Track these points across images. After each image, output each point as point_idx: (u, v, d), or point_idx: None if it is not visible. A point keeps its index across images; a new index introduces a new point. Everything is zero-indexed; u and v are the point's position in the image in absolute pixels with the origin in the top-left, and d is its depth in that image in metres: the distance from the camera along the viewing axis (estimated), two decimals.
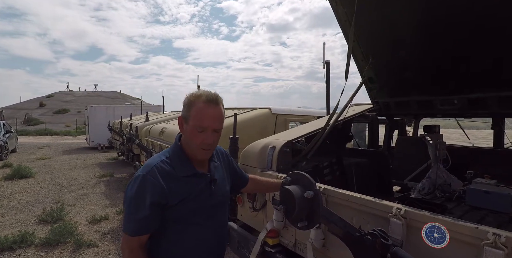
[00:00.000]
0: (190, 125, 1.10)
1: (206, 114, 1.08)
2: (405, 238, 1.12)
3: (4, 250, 3.32)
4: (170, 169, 1.10)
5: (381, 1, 1.93)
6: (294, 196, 1.02)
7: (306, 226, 1.05)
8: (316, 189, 1.03)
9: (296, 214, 1.02)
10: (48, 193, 5.77)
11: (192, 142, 1.11)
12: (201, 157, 1.14)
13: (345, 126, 2.82)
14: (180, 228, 1.11)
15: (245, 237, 1.98)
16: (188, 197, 1.10)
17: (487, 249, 0.90)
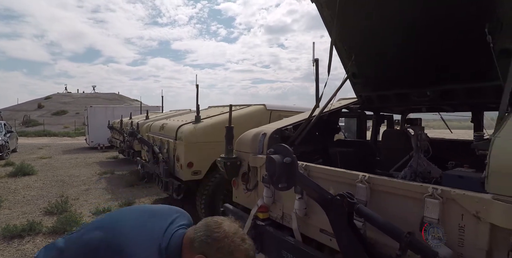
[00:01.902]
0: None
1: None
2: (369, 199, 1.35)
3: (13, 238, 3.53)
4: None
5: (360, 5, 2.17)
6: (275, 162, 1.25)
7: (285, 187, 1.29)
8: (293, 156, 1.27)
9: (277, 176, 1.26)
10: (51, 188, 5.96)
11: None
12: None
13: (332, 118, 3.05)
14: None
15: (240, 215, 2.21)
16: None
17: (428, 200, 1.13)
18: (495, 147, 1.06)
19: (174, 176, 3.75)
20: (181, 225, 1.06)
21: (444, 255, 1.03)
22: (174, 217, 1.07)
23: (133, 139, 5.09)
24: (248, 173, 2.25)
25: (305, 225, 1.74)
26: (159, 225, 1.01)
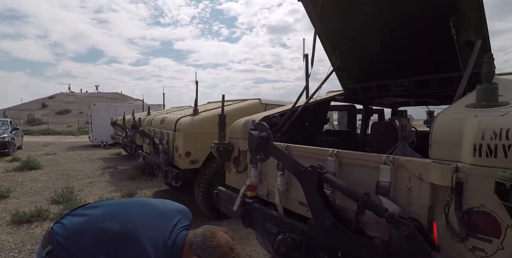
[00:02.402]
0: None
1: None
2: (337, 170, 1.55)
3: (23, 223, 3.76)
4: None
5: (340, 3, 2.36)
6: (254, 136, 1.45)
7: (263, 158, 1.49)
8: (269, 131, 1.47)
9: (255, 148, 1.46)
10: (57, 181, 6.20)
11: None
12: None
13: (321, 110, 3.25)
14: None
15: (231, 195, 2.41)
16: None
17: (382, 167, 1.33)
18: (435, 123, 1.26)
19: (173, 165, 3.96)
20: (183, 226, 1.30)
21: (392, 210, 1.23)
22: (178, 219, 1.32)
23: (135, 132, 5.31)
24: (239, 157, 2.45)
25: (287, 200, 1.94)
26: (166, 225, 1.25)
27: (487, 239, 1.06)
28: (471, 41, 1.98)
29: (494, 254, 1.05)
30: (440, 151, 1.20)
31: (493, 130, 1.05)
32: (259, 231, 2.11)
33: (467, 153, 1.11)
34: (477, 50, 1.88)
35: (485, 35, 1.95)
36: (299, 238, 1.69)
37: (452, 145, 1.16)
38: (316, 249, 1.60)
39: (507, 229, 1.02)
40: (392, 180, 1.31)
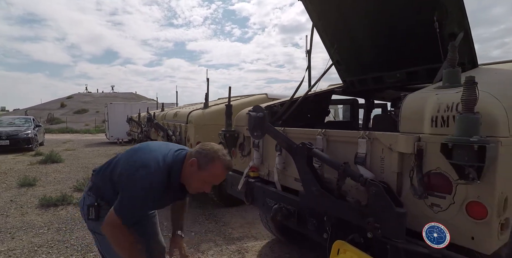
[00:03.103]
0: (203, 176, 1.38)
1: (219, 178, 1.44)
2: (325, 146, 1.78)
3: (50, 206, 4.13)
4: (167, 183, 1.38)
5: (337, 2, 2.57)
6: (252, 117, 1.69)
7: (259, 135, 1.73)
8: (264, 112, 1.71)
9: (253, 126, 1.70)
10: (77, 172, 6.61)
11: (193, 184, 1.42)
12: (192, 192, 1.49)
13: (323, 102, 3.46)
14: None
15: (236, 178, 2.65)
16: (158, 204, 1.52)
17: (359, 140, 1.55)
18: (404, 102, 1.47)
19: None
20: (185, 149, 1.56)
21: (367, 176, 1.44)
22: (181, 146, 1.59)
23: (150, 125, 5.63)
24: (243, 143, 2.70)
25: (284, 177, 2.17)
26: (174, 146, 1.55)
27: (442, 195, 1.27)
28: (454, 33, 2.16)
29: (447, 208, 1.26)
30: (407, 125, 1.42)
31: (447, 103, 1.26)
32: (260, 206, 2.35)
33: (427, 125, 1.32)
34: (458, 41, 2.06)
35: (467, 27, 2.12)
36: (293, 208, 1.92)
37: (416, 119, 1.37)
38: (306, 216, 1.82)
39: (457, 186, 1.22)
40: (368, 151, 1.53)
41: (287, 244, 3.05)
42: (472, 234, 1.19)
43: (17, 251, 2.86)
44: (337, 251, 1.54)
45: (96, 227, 1.48)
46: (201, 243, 3.08)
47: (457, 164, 1.10)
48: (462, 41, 2.10)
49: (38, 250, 2.89)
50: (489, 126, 1.14)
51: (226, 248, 2.97)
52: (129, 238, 1.35)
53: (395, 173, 1.44)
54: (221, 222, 3.69)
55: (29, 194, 4.85)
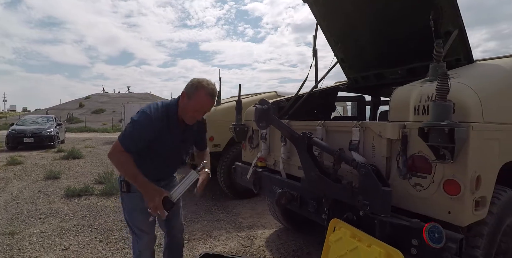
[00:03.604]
0: (191, 105, 1.59)
1: (205, 104, 1.62)
2: (324, 135, 1.96)
3: (74, 196, 4.45)
4: (165, 117, 1.61)
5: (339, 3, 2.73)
6: (258, 109, 1.89)
7: (264, 126, 1.92)
8: (269, 104, 1.90)
9: (259, 118, 1.90)
10: (97, 167, 6.99)
11: (187, 114, 1.63)
12: (189, 123, 1.70)
13: (329, 98, 3.62)
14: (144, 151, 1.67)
15: (245, 168, 2.85)
16: (162, 140, 1.66)
17: (353, 129, 1.72)
18: (394, 94, 1.64)
19: None
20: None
21: (359, 160, 1.61)
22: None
23: None
24: (252, 136, 2.90)
25: (288, 166, 2.35)
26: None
27: (423, 176, 1.43)
28: (449, 31, 2.30)
29: (428, 187, 1.42)
30: (395, 114, 1.58)
31: (427, 94, 1.42)
32: (267, 193, 2.53)
33: (411, 113, 1.48)
34: (452, 39, 2.19)
35: (461, 25, 2.25)
36: (295, 193, 2.10)
37: (402, 108, 1.54)
38: (307, 199, 2.01)
39: (436, 167, 1.38)
40: (360, 139, 1.70)
41: (293, 232, 3.23)
42: (448, 209, 1.34)
43: (48, 233, 3.16)
44: (333, 229, 1.72)
45: (126, 198, 1.77)
46: (213, 230, 3.30)
47: (433, 145, 1.27)
48: (457, 38, 2.23)
49: (66, 232, 3.19)
50: (462, 113, 1.30)
51: (236, 235, 3.18)
52: (128, 160, 1.56)
53: (384, 157, 1.60)
54: (232, 212, 3.91)
55: (55, 185, 5.22)
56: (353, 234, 1.56)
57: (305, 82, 3.06)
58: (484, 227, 1.54)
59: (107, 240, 3.00)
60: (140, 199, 1.72)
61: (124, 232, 3.19)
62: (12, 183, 5.44)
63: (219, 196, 4.62)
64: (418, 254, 1.33)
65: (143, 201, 1.71)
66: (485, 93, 1.43)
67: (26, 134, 10.90)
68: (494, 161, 1.47)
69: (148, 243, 1.84)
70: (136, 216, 1.79)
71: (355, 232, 1.57)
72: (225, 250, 2.81)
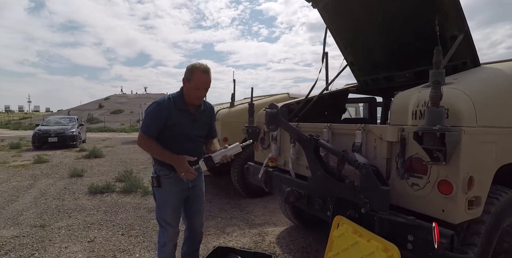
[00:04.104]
0: (191, 85, 1.83)
1: (202, 81, 1.84)
2: (330, 138, 2.07)
3: (97, 193, 4.73)
4: (173, 103, 1.88)
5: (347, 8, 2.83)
6: (267, 112, 2.03)
7: (274, 128, 2.06)
8: (278, 108, 2.03)
9: (268, 121, 2.04)
10: (117, 166, 7.31)
11: (191, 95, 1.87)
12: (195, 103, 1.94)
13: (339, 100, 3.71)
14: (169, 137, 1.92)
15: (257, 168, 3.00)
16: (178, 122, 1.90)
17: (356, 132, 1.84)
18: (394, 99, 1.74)
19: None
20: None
21: (361, 161, 1.73)
22: None
23: None
24: (264, 137, 3.04)
25: (297, 166, 2.48)
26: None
27: (420, 176, 1.53)
28: (455, 36, 2.36)
29: (424, 187, 1.52)
30: (395, 118, 1.69)
31: (424, 100, 1.52)
32: (277, 192, 2.67)
33: (410, 118, 1.59)
34: (457, 43, 2.26)
35: (467, 30, 2.31)
36: (303, 192, 2.23)
37: (402, 113, 1.64)
38: (314, 197, 2.13)
39: (431, 168, 1.48)
40: (363, 141, 1.81)
41: (303, 230, 3.35)
42: (442, 207, 1.44)
43: (75, 227, 3.41)
44: (337, 225, 1.84)
45: (156, 193, 2.01)
46: (226, 227, 3.46)
47: (427, 148, 1.37)
48: (463, 42, 2.30)
49: (91, 226, 3.43)
50: (455, 118, 1.39)
51: (249, 231, 3.33)
52: (152, 143, 1.88)
53: (385, 158, 1.71)
54: (245, 210, 4.06)
55: (79, 183, 5.54)
56: (355, 230, 1.67)
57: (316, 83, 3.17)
58: (481, 225, 1.62)
59: (128, 234, 3.21)
60: (167, 194, 1.97)
61: (144, 227, 3.40)
62: (40, 180, 5.80)
63: (232, 194, 4.78)
64: (413, 249, 1.44)
65: (170, 197, 1.99)
66: (480, 98, 1.51)
67: (50, 134, 11.46)
68: (490, 163, 1.55)
69: (172, 235, 2.03)
70: (164, 210, 2.01)
71: (356, 228, 1.69)
72: (237, 245, 2.97)
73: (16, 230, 3.33)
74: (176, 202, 2.04)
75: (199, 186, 2.13)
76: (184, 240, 2.25)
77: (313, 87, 3.10)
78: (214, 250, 2.25)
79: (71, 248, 2.88)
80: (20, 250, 2.85)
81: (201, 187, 2.16)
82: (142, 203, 4.33)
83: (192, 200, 2.12)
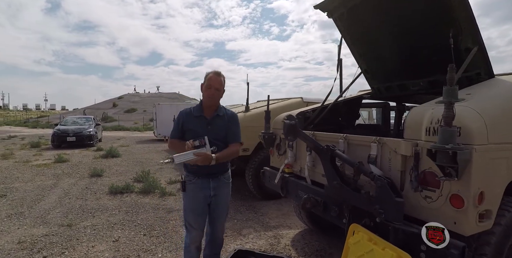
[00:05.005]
0: (204, 85, 2.10)
1: (213, 80, 2.07)
2: (346, 148, 2.17)
3: (117, 193, 4.95)
4: (190, 111, 2.18)
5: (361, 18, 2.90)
6: (286, 124, 2.14)
7: (292, 139, 2.17)
8: (296, 120, 2.14)
9: (287, 132, 2.15)
10: (134, 166, 7.55)
11: (204, 94, 2.11)
12: (208, 103, 2.13)
13: (352, 106, 3.78)
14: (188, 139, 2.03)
15: (273, 173, 3.11)
16: (193, 128, 2.11)
17: (372, 144, 1.93)
18: (409, 114, 1.82)
19: None
20: None
21: (375, 173, 1.82)
22: None
23: None
24: (280, 143, 3.15)
25: (313, 173, 2.58)
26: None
27: (433, 189, 1.62)
28: (469, 48, 2.41)
29: (437, 200, 1.60)
30: (409, 132, 1.77)
31: (438, 117, 1.60)
32: (293, 197, 2.78)
33: (423, 133, 1.67)
34: (471, 55, 2.31)
35: (481, 42, 2.35)
36: (319, 199, 2.34)
37: (416, 128, 1.73)
38: (330, 205, 2.23)
39: (444, 182, 1.57)
40: (378, 153, 1.90)
41: (317, 234, 3.45)
42: (454, 219, 1.53)
43: (99, 226, 3.61)
44: (353, 232, 1.94)
45: (183, 196, 2.20)
46: (242, 229, 3.59)
47: (439, 164, 1.46)
48: (477, 54, 2.35)
49: (114, 226, 3.62)
50: (466, 136, 1.48)
51: (264, 234, 3.45)
52: (176, 143, 2.18)
53: (399, 171, 1.80)
54: (260, 212, 4.19)
55: (99, 183, 5.78)
56: (370, 238, 1.77)
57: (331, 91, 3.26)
58: (492, 236, 1.69)
59: (150, 234, 3.38)
60: (190, 198, 2.16)
61: (164, 227, 3.57)
62: (63, 180, 6.07)
63: (247, 196, 4.92)
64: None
65: (193, 201, 2.17)
66: (493, 116, 1.59)
67: (69, 134, 11.86)
68: (501, 178, 1.62)
69: (195, 238, 2.17)
70: (187, 213, 2.19)
71: (371, 236, 1.79)
72: (254, 247, 3.10)
73: (45, 229, 3.55)
74: (198, 207, 2.17)
75: (222, 195, 2.24)
76: (206, 243, 2.39)
77: (328, 95, 3.19)
78: (235, 253, 2.38)
79: (98, 247, 3.07)
80: (51, 248, 3.05)
81: (223, 196, 2.25)
82: (161, 204, 4.51)
83: (213, 207, 2.25)
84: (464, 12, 2.25)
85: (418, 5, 2.49)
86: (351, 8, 2.87)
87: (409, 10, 2.59)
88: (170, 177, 6.28)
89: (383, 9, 2.72)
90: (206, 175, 2.14)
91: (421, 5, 2.48)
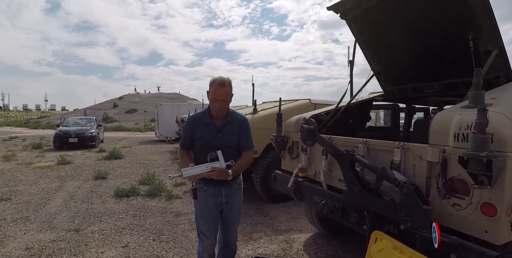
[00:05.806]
0: (210, 97, 2.01)
1: (217, 92, 1.97)
2: (365, 154, 2.12)
3: (123, 196, 4.89)
4: (199, 118, 2.10)
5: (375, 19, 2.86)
6: (304, 128, 2.09)
7: (311, 144, 2.12)
8: (315, 124, 2.09)
9: (305, 137, 2.10)
10: (138, 168, 7.50)
11: (211, 105, 2.04)
12: (216, 114, 2.06)
13: (364, 109, 3.74)
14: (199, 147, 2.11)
15: (285, 177, 3.07)
16: (202, 137, 2.06)
17: (395, 150, 1.88)
18: (434, 119, 1.77)
19: None
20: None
21: (400, 179, 1.77)
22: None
23: None
24: (292, 146, 3.10)
25: (329, 178, 2.54)
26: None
27: (462, 197, 1.57)
28: (489, 50, 2.37)
29: (466, 207, 1.56)
30: (435, 138, 1.73)
31: (467, 123, 1.56)
32: (308, 202, 2.73)
33: (451, 139, 1.62)
34: (492, 58, 2.27)
35: (501, 45, 2.31)
36: (337, 204, 2.29)
37: (442, 134, 1.68)
38: (349, 211, 2.19)
39: (474, 190, 1.52)
40: (402, 159, 1.85)
41: (329, 238, 3.41)
42: (485, 228, 1.48)
43: (107, 231, 3.56)
44: (375, 240, 1.89)
45: (194, 204, 2.17)
46: (253, 233, 3.55)
47: (471, 172, 1.41)
48: (497, 57, 2.31)
49: (122, 231, 3.57)
50: (500, 143, 1.43)
51: (275, 238, 3.41)
52: (184, 153, 2.17)
53: (424, 177, 1.75)
54: (269, 215, 4.14)
55: (104, 185, 5.73)
56: (395, 246, 1.73)
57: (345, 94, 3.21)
58: None
59: (159, 239, 3.34)
60: (201, 206, 2.10)
61: (173, 232, 3.52)
62: (67, 182, 6.02)
63: (254, 199, 4.87)
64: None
65: (204, 209, 2.11)
66: None
67: (71, 135, 11.80)
68: None
69: (207, 247, 2.12)
70: (198, 220, 2.14)
71: (396, 244, 1.74)
72: (266, 252, 3.05)
73: (52, 234, 3.50)
74: (210, 214, 2.13)
75: (234, 201, 2.19)
76: (219, 250, 2.34)
77: (342, 98, 3.14)
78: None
79: (107, 253, 3.02)
80: (59, 254, 3.00)
81: (235, 202, 2.21)
82: (168, 207, 4.47)
83: (226, 214, 2.20)
84: (486, 15, 2.21)
85: (436, 7, 2.45)
86: (365, 9, 2.83)
87: (425, 12, 2.55)
88: (175, 179, 6.22)
89: (398, 11, 2.68)
90: (218, 182, 2.08)
91: (439, 7, 2.43)
